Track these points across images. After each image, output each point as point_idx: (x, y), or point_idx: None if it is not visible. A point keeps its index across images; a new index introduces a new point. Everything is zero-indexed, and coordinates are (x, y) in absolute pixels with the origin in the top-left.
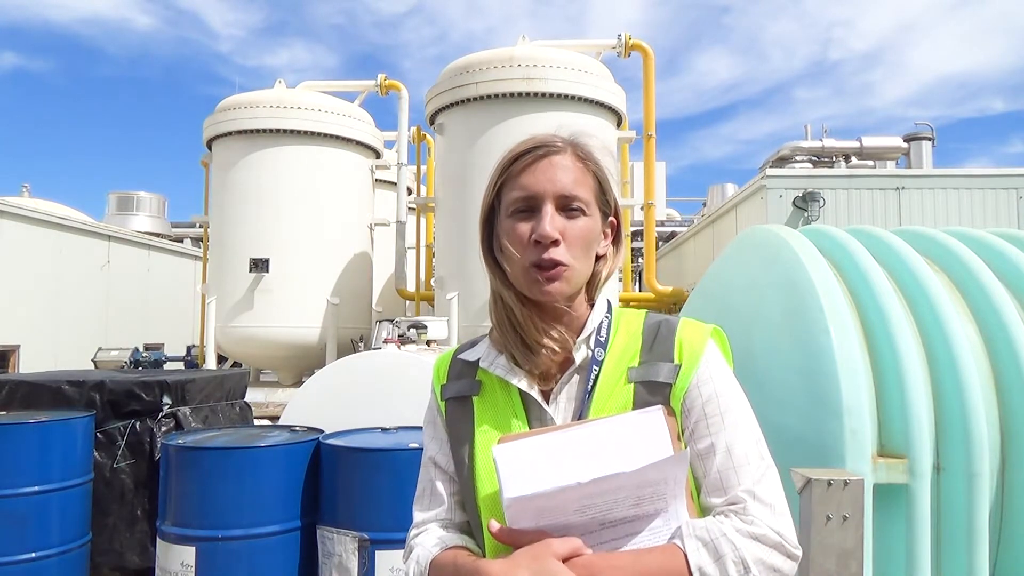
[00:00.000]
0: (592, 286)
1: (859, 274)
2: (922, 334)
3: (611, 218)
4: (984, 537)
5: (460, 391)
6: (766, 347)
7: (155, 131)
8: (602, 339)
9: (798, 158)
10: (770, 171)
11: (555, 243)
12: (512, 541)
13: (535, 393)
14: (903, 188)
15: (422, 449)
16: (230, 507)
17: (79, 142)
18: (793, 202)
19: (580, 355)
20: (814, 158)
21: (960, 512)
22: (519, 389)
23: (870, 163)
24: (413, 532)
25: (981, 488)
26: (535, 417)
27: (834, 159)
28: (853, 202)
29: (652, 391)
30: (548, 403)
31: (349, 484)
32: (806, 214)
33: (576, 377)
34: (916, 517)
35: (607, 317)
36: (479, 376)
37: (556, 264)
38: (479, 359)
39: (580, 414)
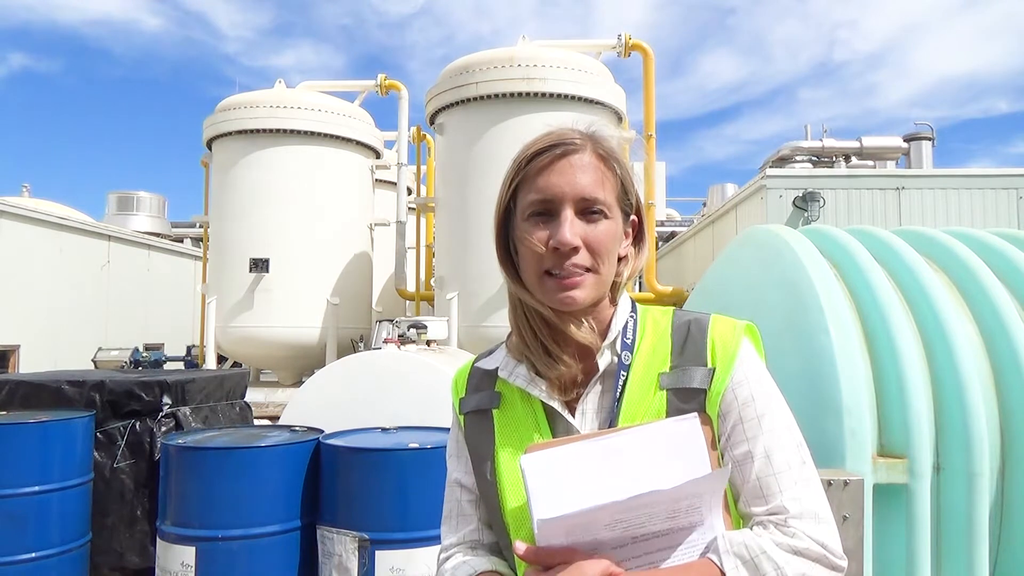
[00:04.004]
0: (614, 287)
1: (859, 274)
2: (922, 334)
3: (632, 216)
4: (984, 537)
5: (479, 404)
6: (766, 347)
7: (157, 132)
8: (628, 341)
9: (798, 158)
10: (770, 171)
11: (575, 250)
12: (540, 561)
13: (558, 405)
14: (903, 188)
15: (422, 449)
16: (230, 507)
17: (81, 142)
18: (793, 202)
19: (604, 361)
20: (814, 158)
21: (960, 512)
22: (541, 401)
23: (870, 163)
24: (442, 556)
25: (981, 488)
26: (560, 430)
27: (834, 159)
28: (853, 202)
29: (686, 398)
30: (573, 415)
31: (349, 484)
32: (806, 214)
33: (600, 386)
34: (916, 517)
35: (632, 317)
36: (498, 387)
37: (576, 271)
38: (497, 368)
39: (609, 424)
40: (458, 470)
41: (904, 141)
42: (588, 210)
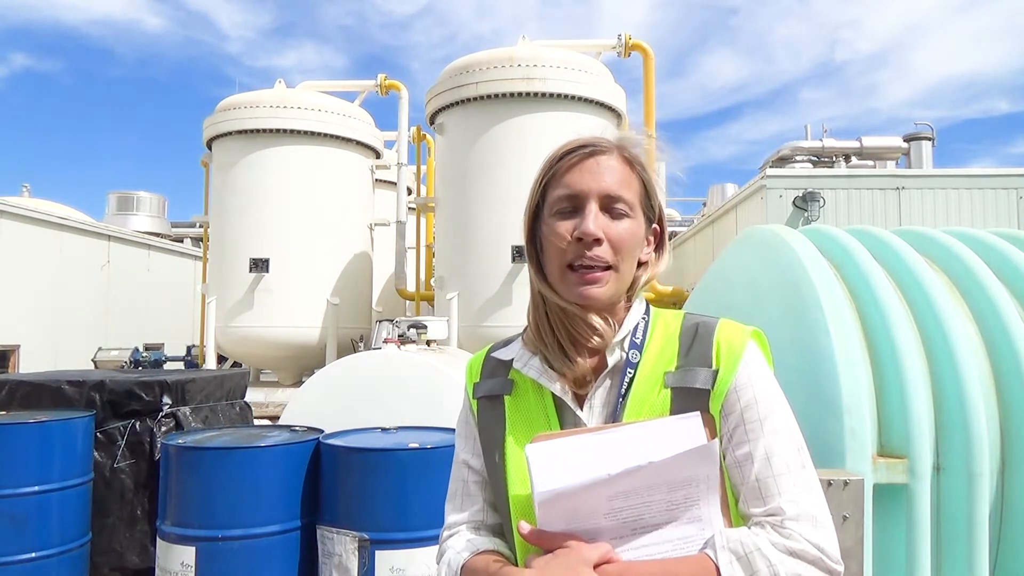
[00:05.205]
0: (631, 290)
1: (859, 274)
2: (922, 334)
3: (655, 224)
4: (984, 537)
5: (492, 390)
6: None
7: (158, 132)
8: (638, 341)
9: (798, 158)
10: (770, 171)
11: (597, 242)
12: (541, 543)
13: (569, 399)
14: (903, 188)
15: (422, 449)
16: (230, 507)
17: (81, 142)
18: (793, 202)
19: (613, 358)
20: (814, 158)
21: (960, 512)
22: (552, 393)
23: (870, 163)
24: (445, 534)
25: (981, 488)
26: (568, 422)
27: (834, 159)
28: (853, 202)
29: (689, 398)
30: (582, 408)
31: (349, 484)
32: (806, 214)
33: (608, 381)
34: (916, 517)
35: (644, 318)
36: (512, 376)
37: (597, 265)
38: (512, 359)
39: (614, 419)
40: (466, 451)
41: (904, 141)
42: (612, 207)
